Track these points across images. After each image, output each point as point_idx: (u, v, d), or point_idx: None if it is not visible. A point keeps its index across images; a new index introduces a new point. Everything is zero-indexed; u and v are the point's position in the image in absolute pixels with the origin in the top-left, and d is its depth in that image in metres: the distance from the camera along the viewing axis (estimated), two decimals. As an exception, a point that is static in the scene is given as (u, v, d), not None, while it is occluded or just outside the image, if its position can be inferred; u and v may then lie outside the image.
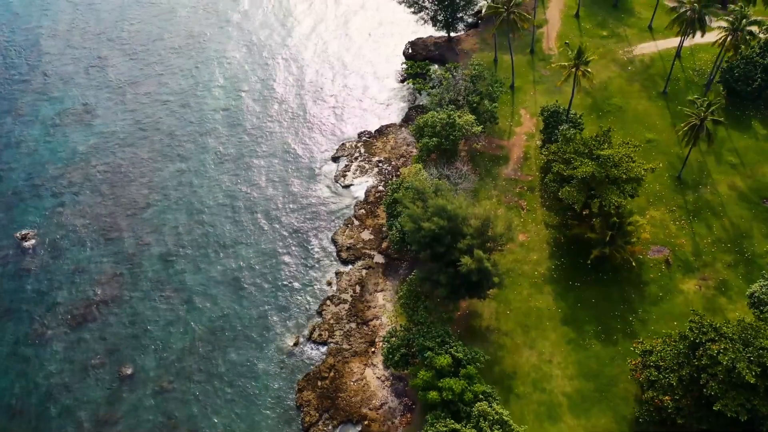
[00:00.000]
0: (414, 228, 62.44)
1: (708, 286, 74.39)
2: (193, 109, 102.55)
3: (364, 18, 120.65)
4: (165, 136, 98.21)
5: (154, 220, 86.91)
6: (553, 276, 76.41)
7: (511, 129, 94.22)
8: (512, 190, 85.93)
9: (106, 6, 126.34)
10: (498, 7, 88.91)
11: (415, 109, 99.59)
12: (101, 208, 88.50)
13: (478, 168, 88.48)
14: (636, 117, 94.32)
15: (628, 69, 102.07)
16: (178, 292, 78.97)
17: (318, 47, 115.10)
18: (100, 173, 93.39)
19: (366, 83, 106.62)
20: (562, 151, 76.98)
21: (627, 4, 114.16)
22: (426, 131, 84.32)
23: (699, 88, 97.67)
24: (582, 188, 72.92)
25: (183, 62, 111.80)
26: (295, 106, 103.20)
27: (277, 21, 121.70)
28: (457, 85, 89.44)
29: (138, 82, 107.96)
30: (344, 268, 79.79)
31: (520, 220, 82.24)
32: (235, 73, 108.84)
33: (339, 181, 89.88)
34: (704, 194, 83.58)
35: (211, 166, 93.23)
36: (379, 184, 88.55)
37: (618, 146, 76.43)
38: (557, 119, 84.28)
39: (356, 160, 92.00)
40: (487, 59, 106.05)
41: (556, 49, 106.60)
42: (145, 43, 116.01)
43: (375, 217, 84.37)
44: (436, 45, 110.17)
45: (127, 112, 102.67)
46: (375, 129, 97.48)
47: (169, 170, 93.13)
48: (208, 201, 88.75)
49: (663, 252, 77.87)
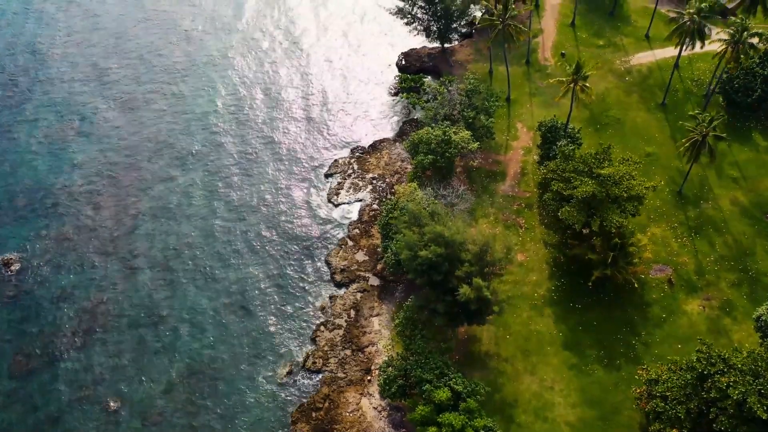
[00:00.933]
0: (410, 256, 60.16)
1: (712, 307, 72.51)
2: (181, 128, 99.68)
3: (357, 29, 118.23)
4: (153, 155, 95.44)
5: (141, 243, 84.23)
6: (553, 297, 74.32)
7: (507, 143, 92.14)
8: (510, 208, 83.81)
9: (103, 18, 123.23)
10: (493, 20, 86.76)
11: (409, 123, 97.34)
12: (87, 231, 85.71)
13: (474, 184, 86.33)
14: (635, 129, 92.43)
15: (625, 79, 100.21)
16: (166, 318, 76.38)
17: (309, 61, 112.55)
18: (86, 193, 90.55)
19: (359, 96, 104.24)
20: (561, 169, 74.93)
21: (623, 13, 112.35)
22: (421, 148, 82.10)
23: (698, 99, 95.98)
24: (582, 208, 70.90)
25: (172, 79, 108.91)
26: (287, 121, 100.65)
27: (270, 35, 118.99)
28: (452, 99, 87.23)
29: (126, 98, 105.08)
30: (338, 292, 77.44)
31: (519, 238, 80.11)
32: (226, 91, 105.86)
33: (332, 199, 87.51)
34: (706, 210, 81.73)
35: (200, 187, 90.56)
36: (374, 202, 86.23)
37: (618, 163, 74.53)
38: (555, 134, 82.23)
39: (349, 177, 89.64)
40: (482, 70, 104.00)
41: (552, 60, 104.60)
42: (137, 56, 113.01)
43: (369, 237, 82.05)
44: (429, 56, 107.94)
45: (114, 128, 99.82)
46: (368, 144, 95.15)
47: (157, 190, 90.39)
48: (196, 223, 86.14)
49: (665, 271, 75.94)
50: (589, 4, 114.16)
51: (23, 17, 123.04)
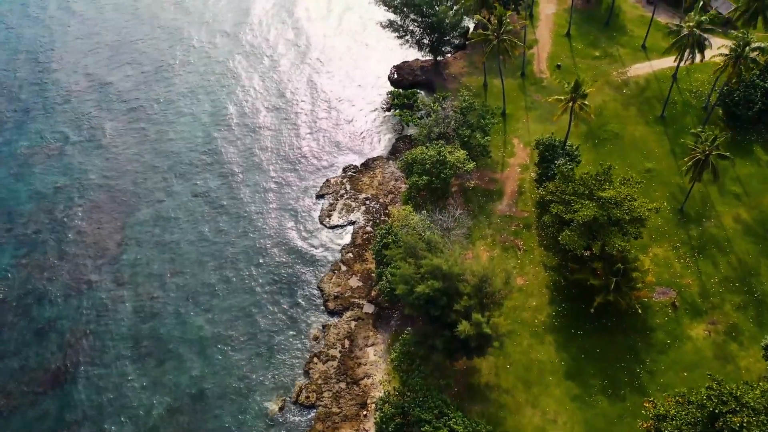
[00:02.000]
0: (406, 290, 57.53)
1: (717, 332, 70.28)
2: (169, 146, 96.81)
3: (347, 43, 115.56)
4: (138, 176, 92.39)
5: (126, 271, 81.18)
6: (554, 324, 71.88)
7: (503, 160, 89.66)
8: (507, 229, 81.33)
9: (93, 32, 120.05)
10: (487, 34, 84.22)
11: (403, 140, 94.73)
12: (70, 258, 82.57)
13: (470, 204, 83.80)
14: (633, 144, 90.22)
15: (623, 92, 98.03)
16: (153, 351, 73.36)
17: (298, 77, 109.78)
18: (69, 218, 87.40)
19: (350, 112, 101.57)
20: (561, 190, 72.57)
21: (618, 22, 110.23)
22: (415, 168, 79.54)
23: (697, 111, 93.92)
24: (583, 232, 68.59)
25: (156, 99, 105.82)
26: (277, 140, 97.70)
27: (260, 51, 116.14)
28: (447, 117, 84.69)
29: (110, 117, 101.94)
30: (332, 320, 74.70)
31: (517, 261, 77.65)
32: (213, 109, 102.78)
33: (324, 221, 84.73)
34: (708, 228, 79.55)
35: (187, 210, 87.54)
36: (367, 224, 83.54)
37: (619, 183, 72.24)
38: (553, 153, 79.82)
39: (342, 197, 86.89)
40: (476, 84, 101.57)
41: (547, 72, 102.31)
42: (119, 74, 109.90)
43: (363, 262, 79.35)
44: (422, 69, 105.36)
45: (98, 149, 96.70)
46: (361, 163, 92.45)
47: (143, 214, 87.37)
48: (184, 247, 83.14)
49: (669, 294, 73.67)
50: (584, 14, 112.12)
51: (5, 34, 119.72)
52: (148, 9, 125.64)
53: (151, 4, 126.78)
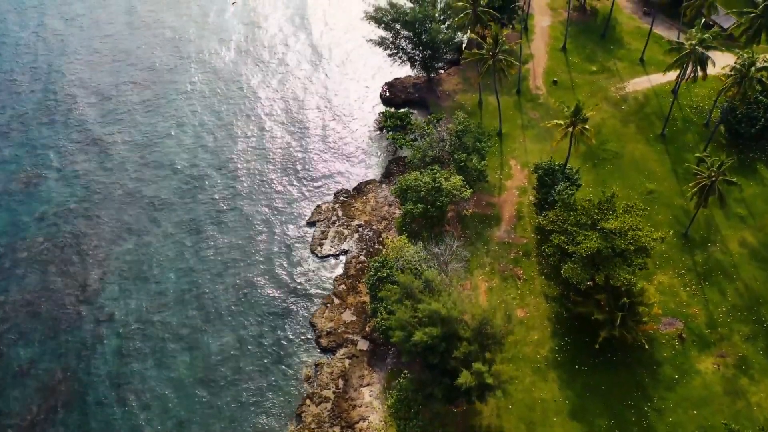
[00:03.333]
0: (403, 337, 54.30)
1: (726, 364, 67.53)
2: (152, 173, 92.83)
3: (338, 60, 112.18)
4: (121, 204, 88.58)
5: (108, 307, 77.47)
6: (557, 359, 68.89)
7: (501, 183, 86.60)
8: (506, 256, 78.27)
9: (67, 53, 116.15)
10: (482, 53, 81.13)
11: (396, 163, 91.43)
12: (50, 295, 78.73)
13: (467, 230, 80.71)
14: (634, 164, 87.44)
15: (621, 108, 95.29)
16: (135, 394, 69.73)
17: (286, 96, 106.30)
18: (48, 251, 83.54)
19: (342, 133, 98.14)
20: (562, 219, 69.65)
21: (615, 34, 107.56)
22: (409, 195, 76.43)
23: (698, 128, 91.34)
24: (586, 264, 65.66)
25: (137, 119, 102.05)
26: (264, 164, 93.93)
27: (249, 70, 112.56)
28: (442, 141, 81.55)
29: (91, 141, 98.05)
30: (325, 358, 71.32)
31: (517, 292, 74.63)
32: (196, 133, 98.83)
33: (316, 250, 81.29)
34: (714, 253, 76.83)
35: (172, 241, 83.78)
36: (360, 253, 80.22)
37: (622, 211, 69.35)
38: (553, 177, 76.81)
39: (334, 224, 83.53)
40: (471, 101, 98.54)
41: (543, 88, 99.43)
42: (101, 99, 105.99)
43: (357, 294, 76.03)
44: (415, 86, 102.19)
45: (79, 176, 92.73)
46: (353, 187, 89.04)
47: (126, 244, 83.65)
48: (167, 282, 79.46)
49: (675, 325, 70.88)
50: (579, 26, 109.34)
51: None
52: (136, 23, 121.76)
53: (128, 20, 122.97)
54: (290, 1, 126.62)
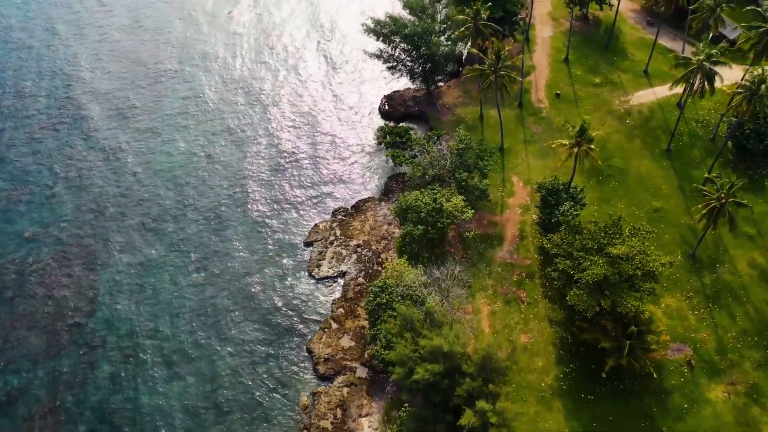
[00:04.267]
0: (404, 373, 52.11)
1: (737, 393, 65.41)
2: (144, 190, 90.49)
3: (335, 73, 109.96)
4: (113, 223, 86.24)
5: (100, 331, 75.18)
6: (563, 387, 66.69)
7: (503, 201, 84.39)
8: (509, 278, 76.06)
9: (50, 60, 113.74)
10: (484, 69, 78.91)
11: (395, 179, 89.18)
12: (40, 318, 76.40)
13: (469, 251, 78.51)
14: (639, 180, 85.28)
15: (626, 122, 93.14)
16: (127, 423, 67.49)
17: (281, 109, 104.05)
18: (38, 272, 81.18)
19: (339, 148, 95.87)
20: (567, 242, 67.42)
21: (619, 45, 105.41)
22: (409, 216, 74.21)
23: (704, 143, 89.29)
24: (593, 290, 63.50)
25: (133, 135, 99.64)
26: (260, 182, 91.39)
27: (241, 85, 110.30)
28: (443, 157, 79.35)
29: (82, 157, 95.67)
30: (322, 386, 69.03)
31: (521, 316, 72.46)
32: (190, 150, 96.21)
33: (313, 272, 79.01)
34: (723, 275, 74.71)
35: (165, 260, 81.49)
36: (359, 275, 77.98)
37: (629, 234, 67.07)
38: (557, 197, 74.61)
39: (332, 244, 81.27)
40: (471, 115, 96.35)
41: (546, 101, 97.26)
42: (93, 113, 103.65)
43: (355, 318, 73.82)
44: (414, 99, 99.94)
45: (69, 192, 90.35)
46: (351, 205, 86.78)
47: (117, 265, 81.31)
48: (160, 305, 77.15)
49: (684, 351, 68.74)
50: (582, 36, 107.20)
51: None
52: (126, 45, 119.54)
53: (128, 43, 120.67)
54: (285, 14, 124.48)
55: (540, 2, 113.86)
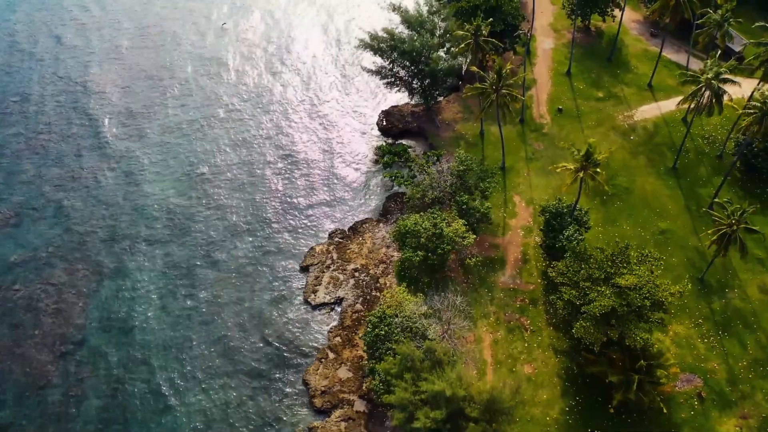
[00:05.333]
0: (404, 419, 49.62)
1: (750, 427, 63.04)
2: (135, 212, 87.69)
3: (331, 88, 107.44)
4: (102, 247, 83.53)
5: (89, 361, 72.52)
6: (569, 422, 64.24)
7: (504, 222, 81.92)
8: (512, 305, 73.60)
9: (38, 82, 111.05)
10: (484, 88, 76.40)
11: (393, 200, 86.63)
12: (25, 349, 73.70)
13: (470, 276, 76.00)
14: (644, 200, 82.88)
15: (630, 138, 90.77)
16: (118, 463, 64.96)
17: (280, 122, 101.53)
18: (25, 299, 78.46)
19: (336, 166, 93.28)
20: (573, 270, 64.93)
21: (622, 58, 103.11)
22: (408, 241, 71.72)
23: (711, 160, 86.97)
24: (600, 322, 61.02)
25: (123, 154, 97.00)
26: (254, 202, 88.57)
27: (235, 96, 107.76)
28: (442, 179, 76.83)
29: (70, 177, 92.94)
30: (319, 421, 66.46)
31: (524, 345, 70.00)
32: (183, 169, 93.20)
33: (309, 299, 76.42)
34: (732, 300, 72.33)
35: (155, 285, 78.84)
36: (357, 301, 75.45)
37: (636, 261, 64.58)
38: (561, 221, 72.14)
39: (328, 269, 78.72)
40: (471, 131, 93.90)
41: (548, 117, 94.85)
42: (79, 130, 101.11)
43: (353, 347, 71.30)
44: (413, 115, 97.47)
45: (58, 215, 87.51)
46: (348, 226, 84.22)
47: (107, 291, 78.66)
48: (151, 332, 74.52)
49: (693, 382, 66.32)
50: (584, 48, 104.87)
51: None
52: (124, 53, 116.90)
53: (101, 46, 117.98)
54: (281, 25, 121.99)
55: (541, 13, 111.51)
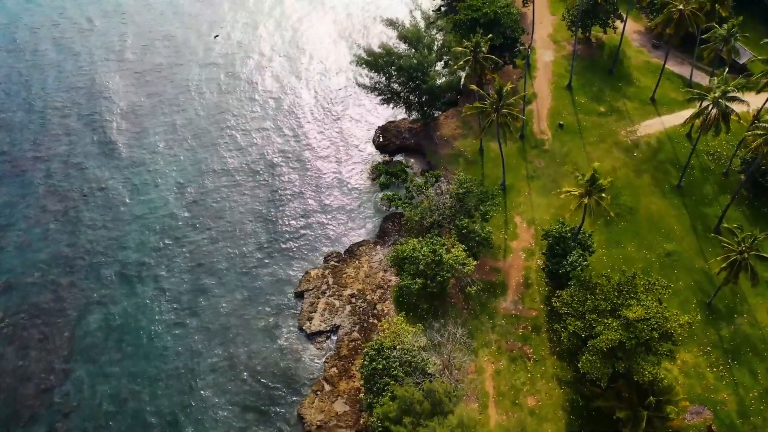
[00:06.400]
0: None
1: (763, 462, 60.73)
2: (124, 236, 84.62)
3: (326, 104, 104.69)
4: (89, 271, 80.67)
5: (75, 395, 69.65)
6: (575, 458, 61.85)
7: (506, 244, 79.39)
8: (514, 332, 71.10)
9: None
10: (484, 107, 73.85)
11: (391, 220, 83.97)
12: (7, 382, 70.75)
13: (471, 301, 73.44)
14: (650, 220, 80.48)
15: (633, 155, 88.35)
16: (105, 505, 62.19)
17: (273, 140, 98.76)
18: (8, 328, 75.53)
19: (331, 185, 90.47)
20: (578, 300, 62.48)
21: (624, 70, 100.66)
22: (407, 267, 69.21)
23: (717, 178, 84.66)
24: (606, 355, 58.58)
25: (112, 172, 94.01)
26: (247, 224, 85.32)
27: (227, 112, 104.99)
28: (442, 204, 74.26)
29: (56, 197, 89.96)
30: (315, 458, 63.88)
31: (527, 375, 67.50)
32: (175, 187, 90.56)
33: (304, 326, 73.73)
34: (741, 326, 70.02)
35: (144, 312, 75.96)
36: (353, 329, 72.81)
37: (643, 290, 62.14)
38: (564, 246, 69.65)
39: (324, 294, 76.06)
40: (471, 148, 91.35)
41: (549, 132, 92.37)
42: (67, 148, 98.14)
43: (350, 378, 68.63)
44: (410, 131, 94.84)
45: (43, 239, 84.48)
46: (345, 249, 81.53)
47: (94, 320, 75.78)
48: (139, 365, 71.62)
49: (703, 414, 63.96)
50: (585, 61, 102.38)
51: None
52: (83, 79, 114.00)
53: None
54: (275, 38, 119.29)
55: (540, 23, 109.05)
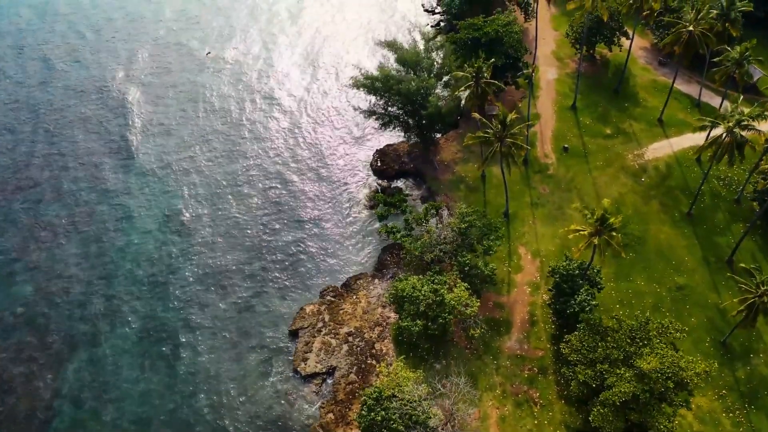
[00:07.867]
0: None
1: None
2: (111, 267, 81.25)
3: (322, 127, 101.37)
4: (74, 306, 77.19)
5: (58, 442, 66.35)
6: None
7: (510, 277, 76.08)
8: (519, 374, 67.77)
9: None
10: (487, 136, 70.53)
11: (390, 251, 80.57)
12: (-12, 427, 67.48)
13: (474, 341, 70.08)
14: (659, 251, 77.25)
15: (641, 181, 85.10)
16: None
17: (266, 164, 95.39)
18: (-12, 368, 72.14)
19: (326, 214, 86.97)
20: (588, 347, 59.21)
21: (629, 89, 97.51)
22: (406, 307, 65.87)
23: (728, 205, 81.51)
24: (619, 409, 55.31)
25: (99, 199, 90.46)
26: (238, 255, 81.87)
27: (218, 133, 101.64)
28: (442, 238, 70.92)
29: (39, 227, 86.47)
30: None
31: (534, 422, 64.19)
32: (160, 220, 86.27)
33: (299, 368, 70.27)
34: (758, 366, 66.84)
35: (130, 353, 72.48)
36: (351, 370, 69.40)
37: (656, 333, 58.89)
38: (572, 284, 66.30)
39: (320, 333, 72.67)
40: (472, 174, 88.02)
41: (553, 156, 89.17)
42: (51, 172, 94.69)
43: (347, 426, 65.23)
44: (410, 155, 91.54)
45: (26, 271, 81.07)
46: (341, 283, 78.14)
47: (79, 360, 72.33)
48: (127, 407, 68.13)
49: (720, 464, 60.77)
50: (590, 79, 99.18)
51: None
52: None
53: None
54: (269, 57, 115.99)
55: (542, 40, 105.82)
